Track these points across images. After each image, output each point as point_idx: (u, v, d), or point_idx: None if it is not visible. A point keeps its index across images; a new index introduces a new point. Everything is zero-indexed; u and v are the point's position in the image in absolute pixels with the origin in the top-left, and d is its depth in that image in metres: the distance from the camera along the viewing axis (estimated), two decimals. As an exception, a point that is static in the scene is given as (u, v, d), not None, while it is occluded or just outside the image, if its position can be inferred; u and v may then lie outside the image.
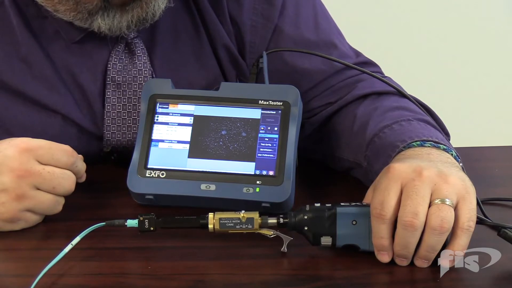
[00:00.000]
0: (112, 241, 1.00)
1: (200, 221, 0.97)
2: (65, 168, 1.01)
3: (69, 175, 1.02)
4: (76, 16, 1.13)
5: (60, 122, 1.18)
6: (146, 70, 1.19)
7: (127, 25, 1.14)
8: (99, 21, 1.13)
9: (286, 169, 1.05)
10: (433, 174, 0.93)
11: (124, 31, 1.15)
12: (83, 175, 1.05)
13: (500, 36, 2.44)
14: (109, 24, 1.13)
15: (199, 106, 1.10)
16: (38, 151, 1.00)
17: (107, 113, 1.19)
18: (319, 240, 0.96)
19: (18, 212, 0.99)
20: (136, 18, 1.14)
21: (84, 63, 1.19)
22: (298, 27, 1.25)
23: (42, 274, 0.90)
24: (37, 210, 1.01)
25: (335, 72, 1.24)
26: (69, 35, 1.17)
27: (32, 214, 1.01)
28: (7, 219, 0.99)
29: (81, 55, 1.19)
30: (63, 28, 1.17)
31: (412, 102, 1.18)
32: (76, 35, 1.17)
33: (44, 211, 1.02)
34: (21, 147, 0.99)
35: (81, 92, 1.19)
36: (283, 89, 1.10)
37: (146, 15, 1.15)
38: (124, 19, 1.13)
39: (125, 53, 1.19)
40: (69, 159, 1.01)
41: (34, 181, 0.99)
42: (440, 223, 0.90)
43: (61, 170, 1.01)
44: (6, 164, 0.99)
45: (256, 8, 1.25)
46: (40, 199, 1.00)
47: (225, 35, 1.24)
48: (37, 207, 1.00)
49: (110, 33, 1.15)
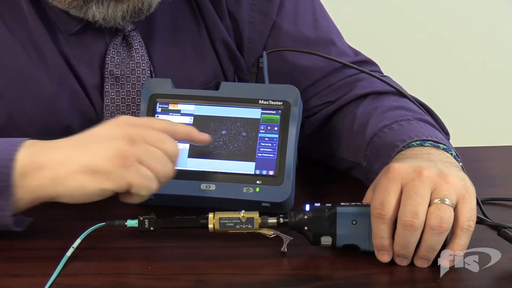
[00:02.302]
0: (112, 241, 1.00)
1: (200, 221, 0.97)
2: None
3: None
4: (72, 3, 1.12)
5: (63, 116, 1.18)
6: (144, 63, 1.19)
7: (122, 15, 1.14)
8: (94, 9, 1.12)
9: (286, 169, 1.05)
10: (433, 174, 0.93)
11: (119, 21, 1.14)
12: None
13: (500, 36, 2.44)
14: (104, 13, 1.13)
15: (199, 106, 1.10)
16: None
17: (106, 106, 1.19)
18: (319, 240, 0.96)
19: (131, 156, 0.94)
20: (132, 8, 1.14)
21: (81, 56, 1.18)
22: (297, 24, 1.26)
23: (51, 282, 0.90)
24: (147, 159, 0.95)
25: (334, 70, 1.24)
26: (66, 26, 1.17)
27: (143, 168, 0.95)
28: (121, 163, 0.94)
29: (78, 48, 1.18)
30: (60, 19, 1.17)
31: (412, 101, 1.18)
32: (73, 27, 1.17)
33: (153, 167, 0.95)
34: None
35: (80, 84, 1.18)
36: (283, 89, 1.10)
37: (142, 6, 1.14)
38: (119, 8, 1.13)
39: (123, 46, 1.19)
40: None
41: (144, 136, 0.96)
42: (439, 222, 0.90)
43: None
44: (115, 125, 0.97)
45: (255, 4, 1.25)
46: (149, 148, 0.96)
47: (223, 30, 1.24)
48: (147, 155, 0.95)
49: (105, 23, 1.14)
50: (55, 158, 0.95)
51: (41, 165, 0.94)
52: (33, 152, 0.95)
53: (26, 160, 0.95)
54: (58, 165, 0.94)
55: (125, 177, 0.94)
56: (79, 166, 0.94)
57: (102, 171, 0.93)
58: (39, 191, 0.94)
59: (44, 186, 0.94)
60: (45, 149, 0.96)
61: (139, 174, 0.94)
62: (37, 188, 0.94)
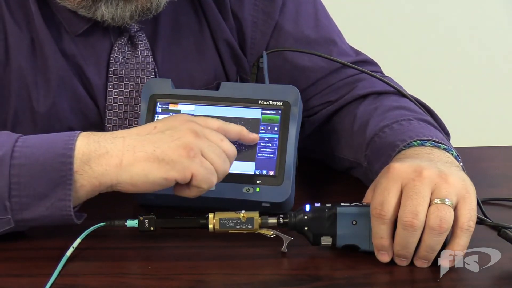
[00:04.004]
0: (112, 241, 1.00)
1: (200, 221, 0.97)
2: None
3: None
4: (81, 3, 1.13)
5: (64, 116, 1.18)
6: (148, 64, 1.19)
7: (130, 14, 1.14)
8: (103, 8, 1.13)
9: (286, 169, 1.05)
10: (433, 174, 0.93)
11: (127, 21, 1.15)
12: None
13: (500, 36, 2.44)
14: (113, 12, 1.13)
15: (199, 106, 1.10)
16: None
17: (108, 106, 1.19)
18: (319, 240, 0.96)
19: (196, 147, 0.95)
20: (140, 8, 1.14)
21: (88, 56, 1.19)
22: (298, 24, 1.26)
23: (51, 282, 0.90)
24: (209, 153, 0.96)
25: (335, 70, 1.24)
26: (72, 27, 1.17)
27: (206, 161, 0.96)
28: (186, 154, 0.94)
29: (85, 48, 1.18)
30: (66, 20, 1.17)
31: (412, 102, 1.18)
32: (79, 28, 1.17)
33: (214, 161, 0.96)
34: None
35: (88, 84, 1.18)
36: (283, 89, 1.10)
37: (150, 6, 1.15)
38: (127, 8, 1.13)
39: (128, 47, 1.19)
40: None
41: (204, 132, 0.98)
42: (439, 223, 0.90)
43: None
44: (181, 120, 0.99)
45: (257, 5, 1.25)
46: (211, 143, 0.97)
47: (227, 30, 1.24)
48: (209, 149, 0.96)
49: (113, 22, 1.14)
50: (119, 146, 0.95)
51: (105, 152, 0.95)
52: (95, 140, 0.96)
53: (88, 147, 0.95)
54: (123, 153, 0.95)
55: (190, 167, 0.94)
56: (145, 154, 0.94)
57: (167, 160, 0.94)
58: (101, 177, 0.95)
59: (107, 172, 0.95)
60: (107, 137, 0.96)
61: (203, 167, 0.95)
62: (100, 174, 0.95)
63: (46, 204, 0.94)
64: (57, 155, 0.94)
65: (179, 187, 0.97)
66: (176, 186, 0.97)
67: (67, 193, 0.94)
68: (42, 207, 0.94)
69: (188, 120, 0.98)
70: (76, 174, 0.94)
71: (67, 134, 0.97)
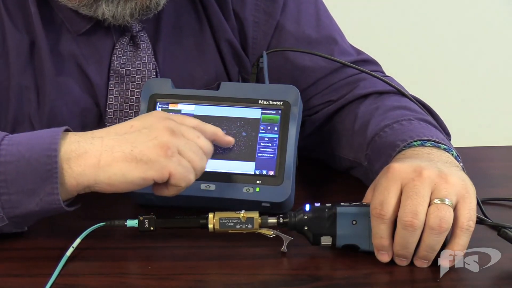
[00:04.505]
0: (112, 241, 1.00)
1: (200, 221, 0.97)
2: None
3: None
4: (82, 1, 1.13)
5: (65, 118, 1.18)
6: (150, 64, 1.20)
7: (131, 13, 1.14)
8: (104, 7, 1.13)
9: (286, 169, 1.05)
10: (433, 174, 0.93)
11: (127, 19, 1.15)
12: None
13: (500, 36, 2.44)
14: (113, 11, 1.13)
15: (199, 106, 1.10)
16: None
17: (109, 105, 1.19)
18: (319, 240, 0.96)
19: (173, 146, 0.95)
20: (140, 6, 1.14)
21: (90, 55, 1.19)
22: (299, 24, 1.26)
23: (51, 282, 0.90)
24: (187, 151, 0.96)
25: (336, 69, 1.25)
26: (74, 26, 1.17)
27: (183, 159, 0.96)
28: (163, 153, 0.94)
29: (87, 47, 1.19)
30: (68, 19, 1.17)
31: (413, 101, 1.18)
32: (81, 27, 1.17)
33: (191, 159, 0.97)
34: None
35: (89, 84, 1.19)
36: (283, 89, 1.10)
37: (149, 4, 1.15)
38: (128, 6, 1.14)
39: (130, 46, 1.20)
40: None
41: (181, 130, 0.98)
42: (438, 223, 0.90)
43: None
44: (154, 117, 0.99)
45: (259, 5, 1.25)
46: (187, 141, 0.97)
47: (228, 30, 1.24)
48: (186, 147, 0.96)
49: (114, 21, 1.15)
50: (97, 146, 0.95)
51: (83, 152, 0.95)
52: (75, 140, 0.96)
53: (69, 147, 0.95)
54: (101, 153, 0.95)
55: (168, 166, 0.94)
56: (123, 154, 0.94)
57: (145, 160, 0.94)
58: (79, 177, 0.95)
59: (85, 173, 0.94)
60: (86, 137, 0.96)
61: (181, 165, 0.95)
62: (79, 175, 0.94)
63: (35, 200, 0.94)
64: (43, 150, 0.94)
65: (157, 186, 0.97)
66: (155, 186, 0.97)
67: (54, 187, 0.94)
68: (32, 203, 0.94)
69: (164, 117, 0.98)
70: (60, 169, 0.94)
71: (52, 130, 0.97)
